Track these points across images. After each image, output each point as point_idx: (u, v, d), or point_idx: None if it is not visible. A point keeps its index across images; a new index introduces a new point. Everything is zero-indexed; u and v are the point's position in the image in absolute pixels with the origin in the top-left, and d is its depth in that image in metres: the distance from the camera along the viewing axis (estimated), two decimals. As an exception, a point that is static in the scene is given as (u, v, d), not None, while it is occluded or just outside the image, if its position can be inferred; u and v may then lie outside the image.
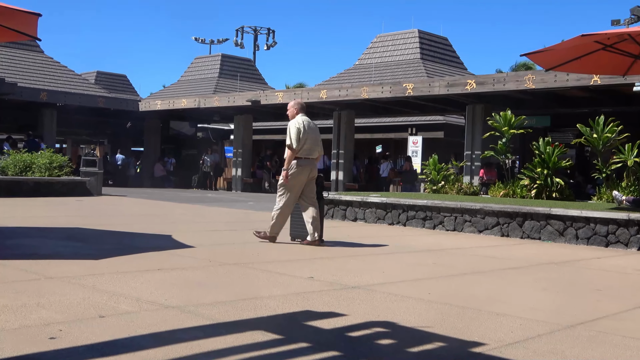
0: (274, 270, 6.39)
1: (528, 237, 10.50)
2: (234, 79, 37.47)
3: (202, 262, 6.72)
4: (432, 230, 11.61)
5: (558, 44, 9.68)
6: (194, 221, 12.06)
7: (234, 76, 37.93)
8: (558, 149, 12.80)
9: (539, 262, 7.99)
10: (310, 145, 8.61)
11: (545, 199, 12.60)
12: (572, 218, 10.06)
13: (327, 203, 13.43)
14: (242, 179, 26.70)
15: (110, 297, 4.72)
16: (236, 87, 35.57)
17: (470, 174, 19.71)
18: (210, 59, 40.95)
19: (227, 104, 26.00)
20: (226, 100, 26.04)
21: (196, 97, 27.51)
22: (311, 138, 8.61)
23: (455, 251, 8.79)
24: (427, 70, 29.56)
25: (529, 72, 18.29)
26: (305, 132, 8.54)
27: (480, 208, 11.09)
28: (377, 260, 7.44)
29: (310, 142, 8.61)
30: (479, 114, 19.78)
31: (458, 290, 5.73)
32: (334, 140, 23.78)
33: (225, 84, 37.74)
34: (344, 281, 5.87)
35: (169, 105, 28.25)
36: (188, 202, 18.00)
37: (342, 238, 10.05)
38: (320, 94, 22.41)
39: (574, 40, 9.12)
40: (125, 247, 7.60)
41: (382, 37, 33.38)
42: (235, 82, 36.44)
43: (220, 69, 38.95)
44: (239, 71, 38.77)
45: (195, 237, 9.02)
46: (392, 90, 20.48)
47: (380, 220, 12.50)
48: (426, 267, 7.12)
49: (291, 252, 7.99)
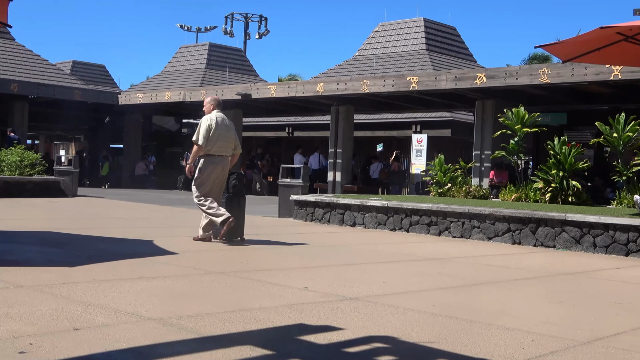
0: (265, 279, 6.39)
1: (542, 244, 10.53)
2: (222, 70, 37.47)
3: (186, 270, 6.71)
4: (438, 236, 11.63)
5: (575, 36, 9.73)
6: (177, 225, 12.05)
7: (222, 67, 37.92)
8: (575, 149, 12.83)
9: (553, 272, 8.00)
10: (222, 142, 9.19)
11: (561, 203, 12.63)
12: (590, 224, 10.08)
13: (323, 207, 13.45)
14: (230, 180, 26.75)
15: (85, 308, 4.71)
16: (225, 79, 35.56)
17: (480, 175, 19.74)
18: (197, 48, 40.93)
19: (214, 98, 26.06)
20: (214, 94, 26.02)
21: (181, 90, 27.49)
22: (223, 135, 9.20)
23: (462, 260, 8.81)
24: (433, 62, 29.60)
25: (543, 65, 18.32)
26: (216, 129, 9.13)
27: (489, 213, 11.11)
28: (377, 269, 7.44)
29: (222, 139, 9.19)
30: (489, 111, 19.82)
31: (465, 303, 5.73)
32: (332, 138, 23.79)
33: (213, 75, 37.72)
34: (341, 292, 5.87)
35: (152, 98, 28.22)
36: (171, 204, 17.99)
37: (340, 245, 10.06)
38: (316, 87, 22.42)
39: (593, 32, 9.16)
40: (103, 253, 7.59)
41: (384, 26, 33.41)
42: (224, 73, 36.43)
43: (207, 59, 38.93)
44: (228, 62, 38.77)
45: (179, 242, 9.01)
46: (394, 84, 20.51)
47: (381, 225, 12.52)
48: (430, 277, 7.13)
49: (284, 259, 7.99)
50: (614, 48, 10.22)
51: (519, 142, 14.23)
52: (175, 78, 38.22)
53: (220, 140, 9.19)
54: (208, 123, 9.18)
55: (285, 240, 10.59)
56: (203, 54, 39.48)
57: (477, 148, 20.08)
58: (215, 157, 9.19)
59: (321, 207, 13.53)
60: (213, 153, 9.16)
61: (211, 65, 38.83)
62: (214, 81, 36.34)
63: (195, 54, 40.12)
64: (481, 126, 19.99)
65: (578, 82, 17.46)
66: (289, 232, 11.92)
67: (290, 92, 23.19)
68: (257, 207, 18.42)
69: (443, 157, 15.56)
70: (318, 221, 13.48)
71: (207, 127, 9.14)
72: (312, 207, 13.69)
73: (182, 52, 41.11)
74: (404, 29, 32.51)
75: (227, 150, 9.30)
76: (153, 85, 37.40)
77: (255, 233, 11.42)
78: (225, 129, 9.29)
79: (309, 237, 11.19)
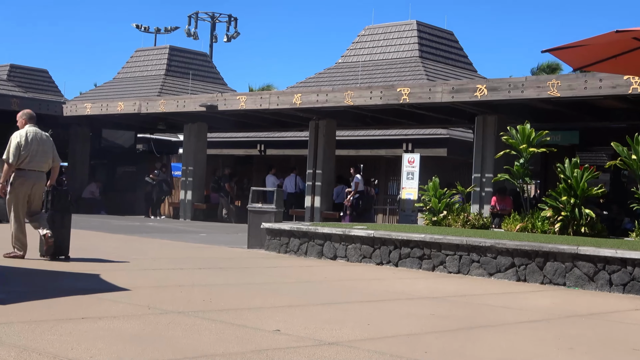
0: (231, 320, 6.36)
1: (550, 282, 10.57)
2: (185, 77, 37.45)
3: (138, 309, 6.67)
4: (431, 272, 11.65)
5: (587, 39, 9.80)
6: (130, 257, 11.97)
7: (185, 74, 37.91)
8: (588, 173, 12.93)
9: (563, 314, 8.04)
10: (36, 157, 10.28)
11: (572, 234, 12.71)
12: (605, 259, 10.15)
13: (299, 237, 13.44)
14: (192, 205, 26.58)
15: (19, 354, 4.66)
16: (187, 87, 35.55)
17: (480, 202, 19.84)
18: (156, 52, 40.89)
19: (175, 109, 25.94)
20: (174, 105, 26.00)
21: (136, 100, 27.42)
22: (37, 150, 10.27)
23: (459, 299, 8.82)
24: (427, 71, 29.82)
25: (552, 77, 18.51)
26: (28, 145, 10.20)
27: (491, 245, 11.15)
28: (361, 310, 7.44)
29: (36, 154, 10.27)
30: (490, 128, 19.96)
31: (462, 349, 5.74)
32: (310, 157, 23.81)
33: (174, 83, 37.68)
34: (318, 335, 5.85)
35: (102, 109, 28.12)
36: (123, 232, 17.89)
37: (318, 280, 10.04)
38: (293, 98, 22.47)
39: (607, 36, 9.26)
40: (41, 288, 7.52)
41: (371, 30, 33.64)
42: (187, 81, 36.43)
43: (167, 64, 38.89)
44: (191, 68, 38.77)
45: (132, 277, 8.95)
46: (383, 96, 20.61)
47: (367, 259, 12.52)
48: (423, 319, 7.14)
49: (253, 297, 7.96)
50: (631, 56, 10.32)
51: (525, 164, 14.33)
52: (129, 86, 38.12)
53: (33, 156, 10.25)
54: (18, 140, 10.20)
55: (255, 275, 10.56)
56: (162, 59, 39.44)
57: (477, 170, 20.19)
58: (27, 172, 10.25)
59: (297, 237, 13.51)
60: (24, 167, 10.22)
61: (172, 72, 38.79)
62: (175, 90, 36.28)
63: (153, 58, 40.08)
64: (482, 145, 20.11)
65: (592, 96, 17.66)
66: (259, 265, 11.88)
67: (262, 104, 23.22)
68: (223, 236, 18.36)
69: (438, 180, 15.63)
70: (293, 253, 13.46)
71: (16, 145, 10.17)
72: (287, 236, 13.67)
73: (137, 56, 41.05)
74: (394, 32, 32.75)
75: (42, 166, 10.39)
76: (104, 94, 37.27)
77: (220, 267, 11.38)
78: (39, 144, 10.32)
79: (283, 271, 11.16)
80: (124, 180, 32.82)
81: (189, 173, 26.93)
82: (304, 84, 31.97)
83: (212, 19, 53.17)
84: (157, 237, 16.70)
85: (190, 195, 26.81)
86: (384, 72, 30.61)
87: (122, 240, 15.42)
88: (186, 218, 26.65)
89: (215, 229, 21.12)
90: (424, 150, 25.92)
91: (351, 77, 30.69)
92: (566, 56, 10.54)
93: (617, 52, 10.24)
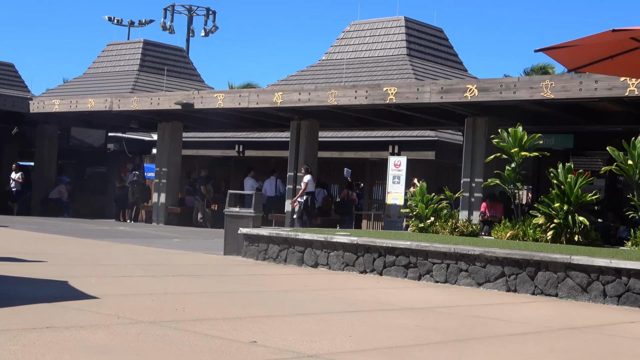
0: (205, 331, 6.34)
1: (542, 292, 10.61)
2: (159, 73, 37.35)
3: (107, 318, 6.63)
4: (417, 281, 11.66)
5: (582, 38, 9.85)
6: (99, 263, 11.92)
7: (159, 70, 37.82)
8: (582, 178, 13.00)
9: (555, 326, 8.07)
10: None
11: (565, 243, 12.77)
12: (599, 269, 10.20)
13: (279, 243, 13.42)
14: (166, 208, 26.49)
15: (-21, 365, 4.63)
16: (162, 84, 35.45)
17: (469, 208, 19.88)
18: (129, 46, 40.75)
19: (149, 107, 25.84)
20: (148, 102, 25.91)
21: (108, 97, 27.29)
22: None
23: (446, 310, 8.83)
24: (415, 70, 29.89)
25: (546, 77, 18.60)
26: None
27: (480, 254, 11.18)
28: (342, 321, 7.44)
29: None
30: (481, 130, 20.01)
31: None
32: (291, 159, 23.80)
33: (148, 79, 37.56)
34: (297, 347, 5.84)
35: (71, 106, 27.96)
36: (93, 236, 17.80)
37: (298, 289, 10.03)
38: (273, 97, 22.44)
39: (603, 35, 9.30)
40: (4, 296, 7.47)
41: (357, 25, 33.68)
42: (162, 78, 36.31)
43: (141, 59, 38.78)
44: (166, 64, 38.67)
45: (101, 284, 8.91)
46: (368, 95, 20.62)
47: (349, 267, 12.52)
48: (407, 330, 7.14)
49: (229, 307, 7.94)
50: (628, 57, 10.38)
51: (517, 169, 14.38)
52: (100, 82, 37.97)
53: None
54: None
55: (231, 283, 10.54)
56: (136, 54, 39.32)
57: (466, 175, 20.25)
58: None
59: (276, 243, 13.50)
60: None
61: (146, 67, 38.67)
62: (149, 86, 36.16)
63: (126, 53, 39.95)
64: (471, 149, 20.17)
65: (587, 98, 17.75)
66: (236, 273, 11.86)
67: (241, 103, 23.18)
68: (198, 241, 18.31)
69: (425, 184, 15.66)
70: (272, 260, 13.44)
71: None
72: (266, 243, 13.65)
73: (110, 51, 40.89)
74: (381, 29, 32.80)
75: None
76: (73, 90, 37.10)
77: (195, 274, 11.34)
78: None
79: (261, 279, 11.14)
80: (94, 181, 32.68)
81: (162, 175, 26.84)
82: (286, 82, 31.96)
83: (189, 12, 53.08)
84: (128, 243, 16.63)
85: (164, 198, 26.71)
86: (369, 70, 30.65)
87: (91, 246, 15.34)
88: (159, 222, 26.55)
89: (189, 234, 21.04)
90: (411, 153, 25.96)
91: (335, 75, 30.72)
92: (560, 56, 10.59)
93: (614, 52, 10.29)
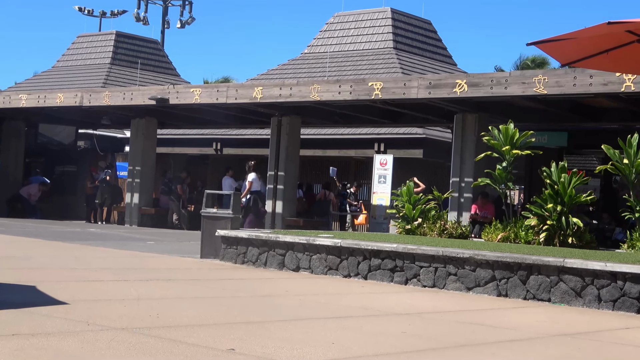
0: (180, 338, 6.33)
1: (534, 297, 10.65)
2: (133, 67, 37.24)
3: (76, 324, 6.60)
4: (404, 285, 11.68)
5: (576, 31, 9.89)
6: (69, 267, 11.87)
7: (133, 63, 37.70)
8: (577, 178, 13.06)
9: (548, 333, 8.10)
10: None
11: (559, 245, 12.82)
12: (594, 273, 10.24)
13: (258, 246, 13.41)
14: (139, 209, 26.39)
15: (-60, 375, 4.60)
16: (136, 78, 35.36)
17: (458, 209, 19.92)
18: (100, 38, 40.61)
19: (121, 102, 25.74)
20: (121, 97, 25.80)
21: (78, 92, 27.16)
22: None
23: (434, 316, 8.85)
24: (402, 64, 29.93)
25: (539, 72, 18.66)
26: None
27: (469, 257, 11.21)
28: (325, 327, 7.43)
29: None
30: (471, 127, 20.06)
31: (435, 371, 5.76)
32: (271, 157, 23.76)
33: (121, 73, 37.46)
34: (277, 355, 5.83)
35: (39, 101, 27.82)
36: (63, 239, 17.72)
37: (278, 294, 10.02)
38: (253, 92, 22.40)
39: (598, 28, 9.34)
40: (-33, 302, 7.42)
41: (341, 17, 33.70)
42: (135, 71, 36.21)
43: (113, 52, 38.66)
44: (140, 57, 38.56)
45: (70, 289, 8.87)
46: (353, 91, 20.62)
47: (333, 270, 12.52)
48: (393, 337, 7.15)
49: (206, 312, 7.93)
50: (625, 51, 10.44)
51: (508, 168, 14.43)
52: (70, 76, 37.81)
53: None
54: None
55: (208, 288, 10.52)
56: (108, 46, 39.19)
57: (455, 174, 20.29)
58: None
59: (256, 246, 13.48)
60: None
61: (118, 61, 38.54)
62: (122, 80, 36.04)
63: (97, 45, 39.80)
64: (461, 147, 20.22)
65: (582, 94, 17.81)
66: (213, 277, 11.84)
67: (219, 98, 23.13)
68: (173, 244, 18.27)
69: (412, 184, 15.69)
70: (252, 264, 13.43)
71: None
72: (245, 245, 13.64)
73: (80, 43, 40.73)
74: (366, 20, 32.84)
75: None
76: (41, 84, 36.93)
77: (169, 278, 11.31)
78: None
79: (240, 284, 11.13)
80: (64, 180, 32.50)
81: (136, 174, 26.73)
82: (266, 76, 31.94)
83: (164, 3, 52.91)
84: (99, 245, 16.56)
85: (137, 198, 26.60)
86: (354, 64, 30.68)
87: (60, 248, 15.27)
88: (132, 224, 26.45)
89: (164, 237, 20.98)
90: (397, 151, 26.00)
91: (318, 69, 30.72)
92: (553, 50, 10.63)
93: (609, 46, 10.34)
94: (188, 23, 52.55)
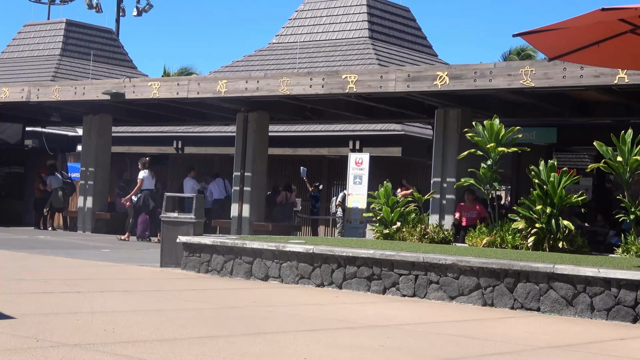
0: (138, 354, 6.30)
1: (522, 307, 10.69)
2: (85, 59, 37.07)
3: (24, 341, 6.56)
4: (381, 295, 11.69)
5: (567, 20, 9.91)
6: (16, 278, 11.79)
7: (85, 55, 37.53)
8: (567, 177, 13.13)
9: (537, 345, 8.14)
10: None
11: (548, 250, 12.89)
12: (586, 280, 10.30)
13: (224, 253, 13.38)
14: (93, 214, 26.26)
15: None
16: (88, 71, 35.19)
17: (440, 211, 19.97)
18: (49, 27, 40.39)
19: (73, 97, 25.60)
20: (72, 92, 25.65)
21: (25, 86, 26.99)
22: None
23: (414, 328, 8.87)
24: (378, 55, 30.00)
25: (526, 63, 18.73)
26: None
27: (452, 263, 11.24)
28: (296, 341, 7.43)
29: None
30: (453, 123, 20.12)
31: (416, 387, 5.78)
32: (237, 156, 23.71)
33: (72, 65, 37.27)
34: (244, 373, 5.83)
35: (-18, 96, 27.65)
36: (8, 247, 17.61)
37: (246, 306, 10.02)
38: (217, 85, 22.35)
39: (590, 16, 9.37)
40: None
41: (312, 4, 33.73)
42: (87, 63, 36.05)
43: (63, 42, 38.46)
44: (93, 47, 38.38)
45: (17, 302, 8.81)
46: (325, 84, 20.62)
47: (304, 279, 12.52)
48: (370, 351, 7.16)
49: (166, 327, 7.90)
50: (617, 43, 10.49)
51: (493, 167, 14.48)
52: (16, 68, 37.58)
53: None
54: None
55: (168, 299, 10.49)
56: (57, 36, 38.98)
57: (436, 174, 20.34)
58: None
59: (221, 253, 13.46)
60: None
61: (69, 52, 38.35)
62: (73, 73, 35.85)
63: (46, 35, 39.58)
64: (442, 144, 20.27)
65: (572, 87, 17.91)
66: (174, 288, 11.80)
67: (180, 92, 23.06)
68: (130, 252, 18.20)
69: (390, 185, 15.72)
70: (217, 273, 13.41)
71: None
72: (209, 253, 13.60)
73: (27, 32, 40.47)
74: (340, 7, 32.88)
75: None
76: (-16, 78, 36.69)
77: (126, 289, 11.27)
78: None
79: (203, 295, 11.10)
80: (10, 183, 32.27)
81: (89, 175, 26.59)
82: (231, 69, 31.89)
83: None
84: (49, 254, 16.46)
85: (91, 202, 26.45)
86: (327, 55, 30.71)
87: (6, 257, 15.16)
88: (85, 230, 26.31)
89: (121, 244, 20.90)
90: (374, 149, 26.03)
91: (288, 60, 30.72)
92: (541, 42, 10.66)
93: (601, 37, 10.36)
94: (145, 10, 52.27)
